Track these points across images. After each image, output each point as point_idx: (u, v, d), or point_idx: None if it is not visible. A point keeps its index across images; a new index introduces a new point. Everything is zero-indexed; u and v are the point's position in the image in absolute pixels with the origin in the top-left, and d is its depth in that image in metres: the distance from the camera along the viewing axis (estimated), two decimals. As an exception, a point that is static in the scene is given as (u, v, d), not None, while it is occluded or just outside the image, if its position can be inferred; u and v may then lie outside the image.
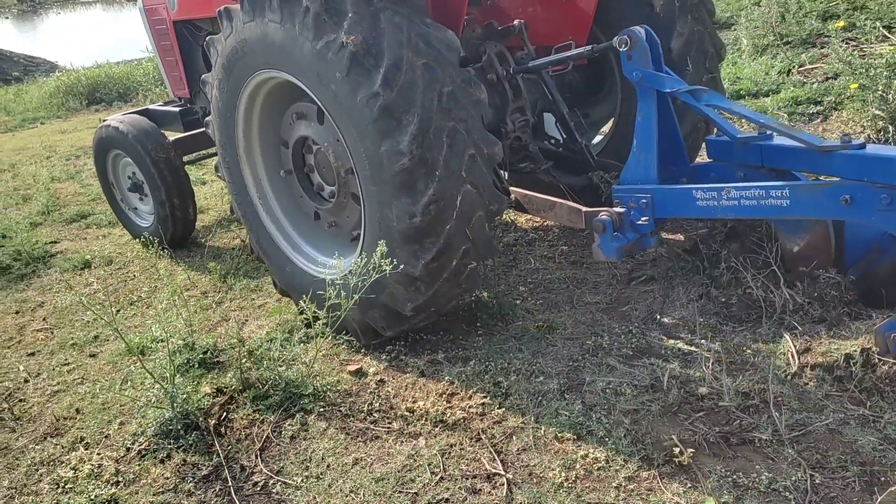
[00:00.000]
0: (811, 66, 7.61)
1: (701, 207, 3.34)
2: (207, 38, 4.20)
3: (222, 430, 3.40)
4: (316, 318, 3.58)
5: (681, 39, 4.41)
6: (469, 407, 3.26)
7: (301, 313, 3.92)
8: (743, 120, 4.82)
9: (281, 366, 3.72)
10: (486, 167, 3.30)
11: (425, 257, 3.28)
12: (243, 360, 3.68)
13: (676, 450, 2.73)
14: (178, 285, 4.53)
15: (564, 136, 4.55)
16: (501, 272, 4.65)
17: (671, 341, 3.54)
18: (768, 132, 3.46)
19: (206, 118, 4.45)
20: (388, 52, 3.06)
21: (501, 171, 3.82)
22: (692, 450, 2.73)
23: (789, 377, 3.10)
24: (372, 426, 3.28)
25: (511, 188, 3.99)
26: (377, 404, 3.43)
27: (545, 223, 5.31)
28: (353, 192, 3.85)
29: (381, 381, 3.63)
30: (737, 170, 3.60)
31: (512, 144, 4.34)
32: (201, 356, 4.01)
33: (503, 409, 3.20)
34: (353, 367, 3.75)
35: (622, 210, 3.54)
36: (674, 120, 3.66)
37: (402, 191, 3.17)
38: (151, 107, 6.70)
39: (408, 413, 3.31)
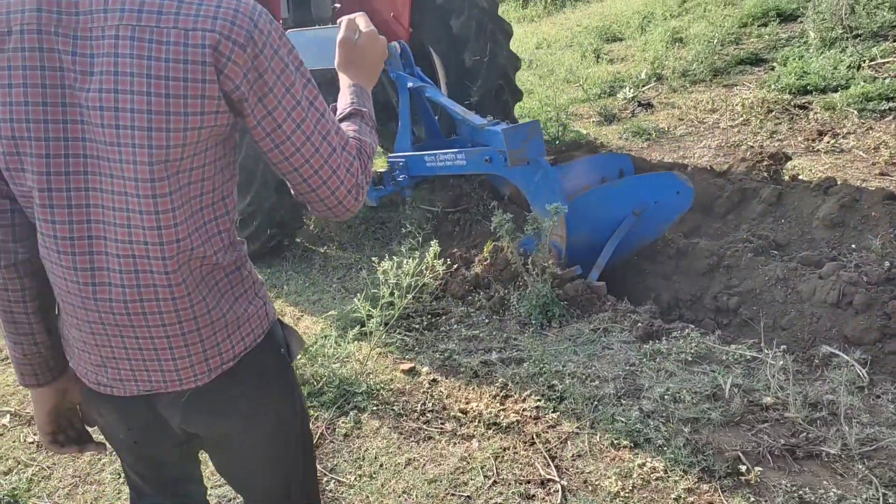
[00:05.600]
0: (883, 61, 7.27)
1: (430, 167, 4.66)
2: None
3: (277, 425, 3.43)
4: (370, 317, 3.59)
5: (474, 55, 5.73)
6: (523, 410, 3.22)
7: (355, 311, 3.93)
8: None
9: (335, 363, 3.74)
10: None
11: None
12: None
13: (743, 468, 2.63)
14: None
15: None
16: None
17: (733, 347, 3.43)
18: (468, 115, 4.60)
19: None
20: None
21: None
22: (759, 468, 2.63)
23: (860, 389, 2.96)
24: (425, 426, 3.27)
25: None
26: (430, 404, 3.41)
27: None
28: None
29: (434, 380, 3.61)
30: (465, 142, 4.86)
31: None
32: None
33: (558, 413, 3.15)
34: (406, 366, 3.75)
35: (382, 170, 4.97)
36: (428, 108, 5.17)
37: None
38: None
39: (461, 414, 3.29)
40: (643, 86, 8.31)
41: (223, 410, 1.56)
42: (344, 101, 1.70)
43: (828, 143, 5.88)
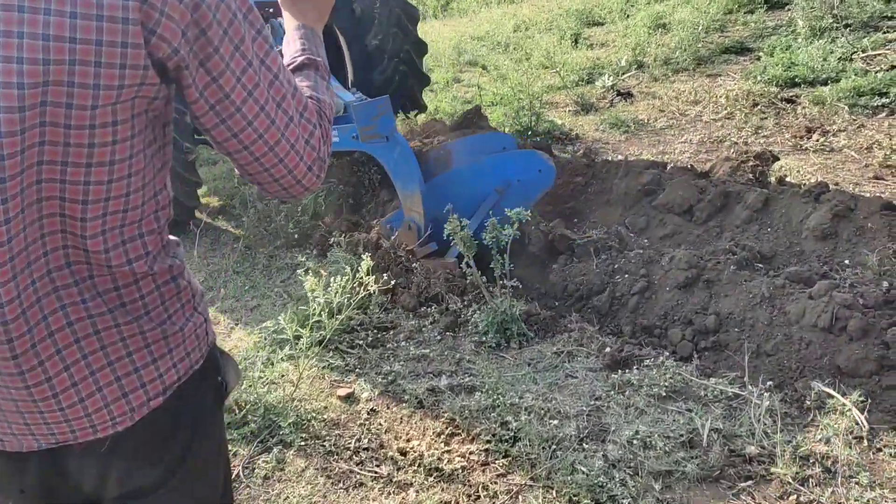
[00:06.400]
0: (875, 53, 6.89)
1: None
2: None
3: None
4: (298, 337, 3.13)
5: (377, 39, 5.63)
6: (470, 453, 2.78)
7: (281, 331, 3.46)
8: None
9: (263, 386, 3.28)
10: None
11: None
12: (219, 380, 3.25)
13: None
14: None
15: None
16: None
17: (712, 381, 3.01)
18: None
19: None
20: None
21: None
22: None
23: (858, 440, 2.56)
24: (357, 469, 2.82)
25: None
26: (366, 440, 2.97)
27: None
28: None
29: (374, 410, 3.17)
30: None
31: None
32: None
33: (509, 459, 2.72)
34: (343, 392, 3.29)
35: None
36: None
37: None
38: None
39: (399, 455, 2.85)
40: (623, 74, 7.86)
41: (149, 458, 1.23)
42: (293, 48, 1.36)
43: (817, 141, 5.48)
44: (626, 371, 3.12)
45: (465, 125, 5.74)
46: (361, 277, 2.98)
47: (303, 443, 2.99)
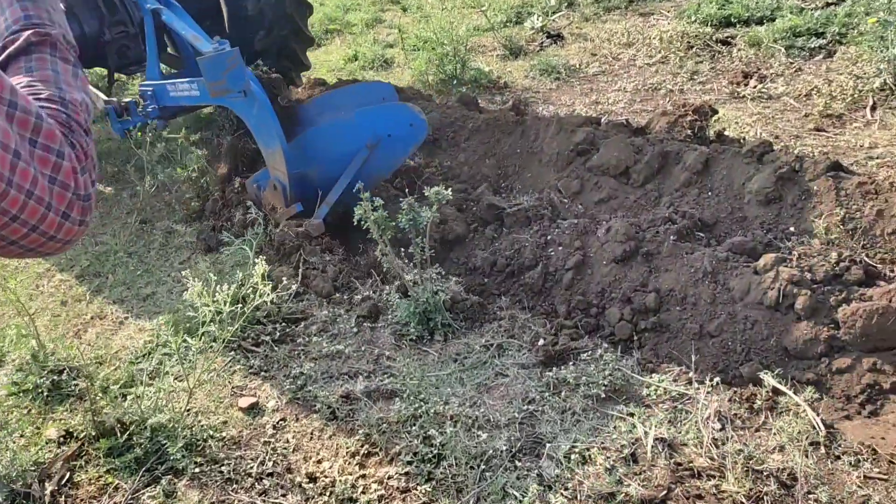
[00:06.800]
0: (810, -11, 6.62)
1: (173, 97, 4.36)
2: None
3: (61, 501, 2.54)
4: (188, 348, 2.69)
5: (256, 4, 5.35)
6: (388, 477, 2.44)
7: (163, 342, 3.00)
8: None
9: (149, 400, 2.85)
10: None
11: None
12: (96, 398, 2.80)
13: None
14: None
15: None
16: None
17: (655, 378, 2.73)
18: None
19: None
20: None
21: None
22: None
23: (814, 446, 2.32)
24: (260, 500, 2.45)
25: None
26: (271, 463, 2.59)
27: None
28: None
29: (281, 422, 2.78)
30: None
31: (118, 51, 5.25)
32: (54, 378, 3.10)
33: (433, 484, 2.39)
34: (246, 402, 2.89)
35: (127, 101, 4.69)
36: (151, 34, 4.64)
37: None
38: None
39: (308, 482, 2.48)
40: (553, 14, 7.39)
41: None
42: (7, 16, 0.92)
43: (754, 87, 5.20)
44: (562, 367, 2.81)
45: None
46: (256, 282, 2.55)
47: (197, 469, 2.59)
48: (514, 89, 5.92)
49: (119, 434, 2.72)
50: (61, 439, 2.80)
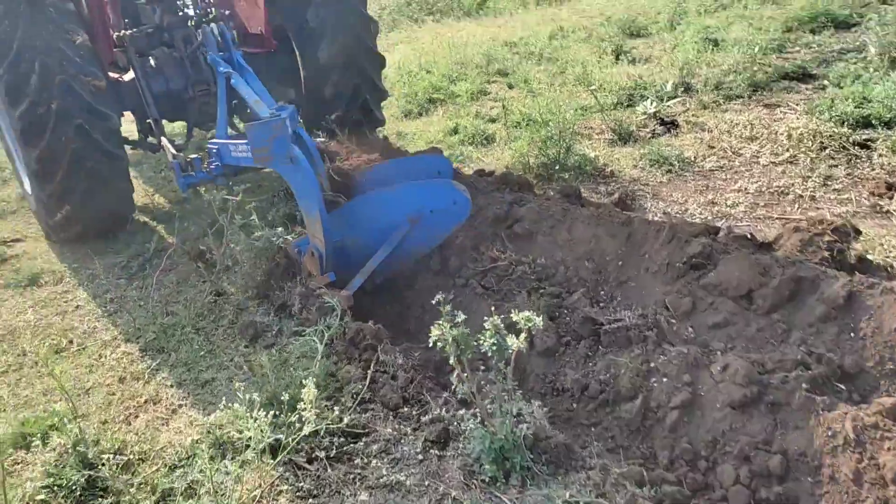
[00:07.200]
0: (965, 91, 5.92)
1: (234, 157, 4.43)
2: None
3: None
4: (248, 446, 2.36)
5: (329, 50, 5.55)
6: None
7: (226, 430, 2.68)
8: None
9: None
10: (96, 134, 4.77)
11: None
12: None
13: None
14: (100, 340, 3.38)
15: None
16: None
17: None
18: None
19: None
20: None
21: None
22: None
23: None
24: None
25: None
26: None
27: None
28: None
29: (322, 569, 2.38)
30: None
31: (199, 108, 5.62)
32: (90, 474, 2.83)
33: None
34: (286, 535, 2.52)
35: (193, 157, 4.80)
36: (223, 96, 4.92)
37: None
38: None
39: None
40: (668, 99, 6.96)
41: None
42: None
43: (901, 201, 4.57)
44: None
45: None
46: (302, 408, 2.21)
47: None
48: (621, 180, 5.49)
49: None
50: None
